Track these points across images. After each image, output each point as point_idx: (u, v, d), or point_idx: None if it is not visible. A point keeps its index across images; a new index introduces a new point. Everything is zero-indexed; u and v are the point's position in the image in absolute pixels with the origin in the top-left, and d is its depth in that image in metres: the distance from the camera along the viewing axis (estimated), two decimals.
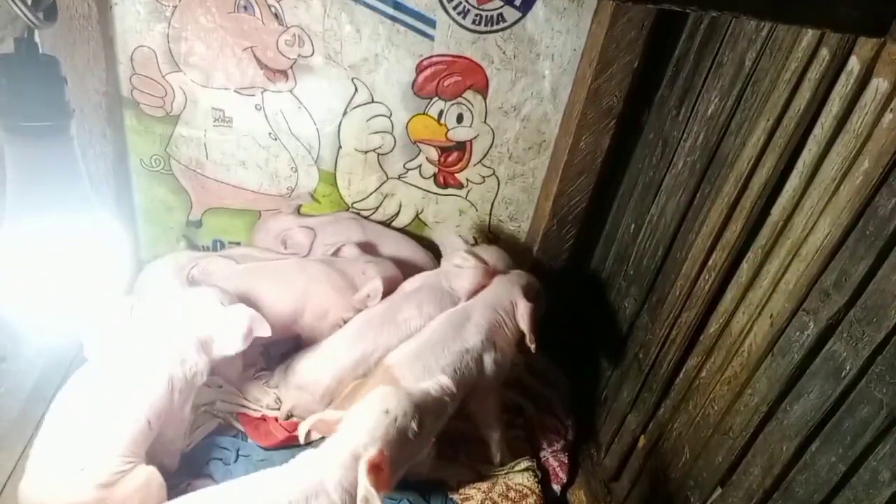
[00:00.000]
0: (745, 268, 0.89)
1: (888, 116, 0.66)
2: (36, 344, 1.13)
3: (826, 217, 0.74)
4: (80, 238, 0.61)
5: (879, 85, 0.67)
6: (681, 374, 1.04)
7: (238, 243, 1.41)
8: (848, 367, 0.69)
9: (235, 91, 1.21)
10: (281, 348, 1.23)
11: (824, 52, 0.76)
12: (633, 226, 1.24)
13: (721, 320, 0.94)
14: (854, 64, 0.71)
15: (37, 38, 0.58)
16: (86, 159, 1.16)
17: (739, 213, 0.91)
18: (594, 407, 1.32)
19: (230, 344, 1.01)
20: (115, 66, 1.15)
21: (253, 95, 1.22)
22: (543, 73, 1.21)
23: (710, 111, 1.00)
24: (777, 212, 0.84)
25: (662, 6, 0.53)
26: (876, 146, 0.67)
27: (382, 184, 1.37)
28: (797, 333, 0.77)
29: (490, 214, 1.42)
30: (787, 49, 0.82)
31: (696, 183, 1.02)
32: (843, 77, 0.73)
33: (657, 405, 1.10)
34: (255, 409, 1.14)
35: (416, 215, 1.42)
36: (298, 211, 1.37)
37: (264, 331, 1.04)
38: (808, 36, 0.79)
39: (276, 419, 1.13)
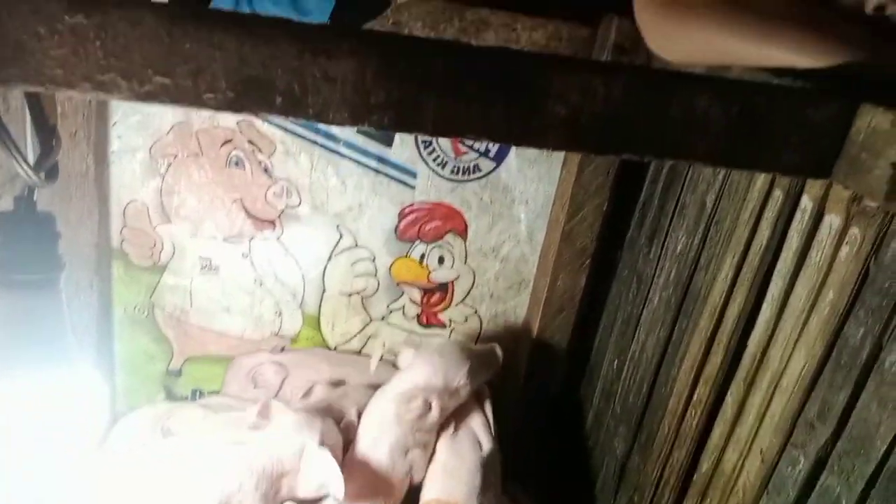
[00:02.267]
0: (730, 402, 0.89)
1: (845, 249, 0.70)
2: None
3: (801, 348, 0.75)
4: (62, 392, 0.60)
5: (832, 221, 0.72)
6: None
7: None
8: (844, 503, 0.67)
9: (224, 240, 1.25)
10: None
11: (778, 193, 0.81)
12: (616, 362, 1.24)
13: (712, 458, 0.92)
14: (806, 202, 0.77)
15: (35, 196, 0.62)
16: (71, 309, 1.17)
17: (718, 347, 0.92)
18: None
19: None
20: (108, 219, 1.19)
21: (240, 243, 1.26)
22: (519, 217, 1.27)
23: (679, 248, 1.05)
24: (753, 344, 0.85)
25: (622, 156, 0.58)
26: (838, 277, 0.70)
27: (366, 325, 1.38)
28: (789, 469, 0.76)
29: None
30: (743, 191, 0.88)
31: (673, 318, 1.05)
32: (798, 214, 0.78)
33: None
34: None
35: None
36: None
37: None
38: (762, 178, 0.85)
39: None
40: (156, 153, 1.17)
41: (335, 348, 1.39)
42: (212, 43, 0.49)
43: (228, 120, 1.17)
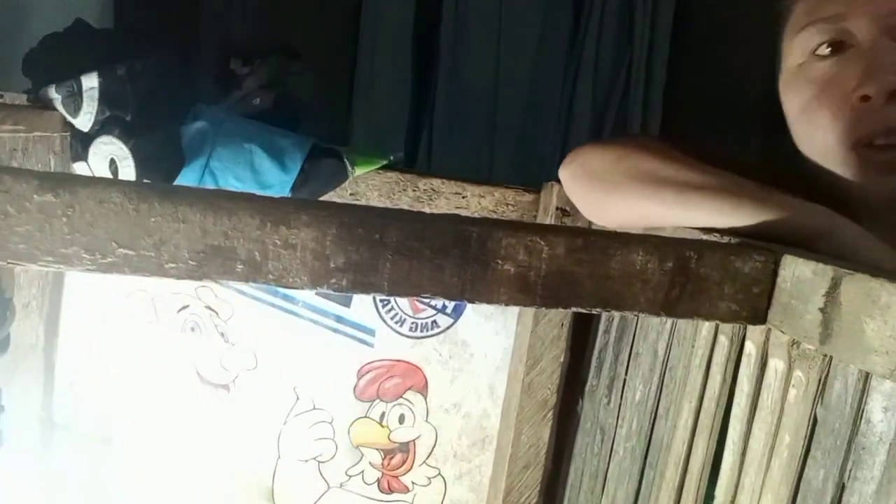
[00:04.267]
0: None
1: (792, 392, 0.72)
2: None
3: (767, 493, 0.75)
4: None
5: (777, 365, 0.75)
6: None
7: None
8: None
9: (175, 409, 1.21)
10: None
11: (723, 339, 0.85)
12: None
13: None
14: (750, 347, 0.80)
15: None
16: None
17: (687, 498, 0.90)
18: None
19: None
20: (52, 393, 1.14)
21: (190, 409, 1.21)
22: (479, 372, 1.27)
23: (637, 397, 1.06)
24: (721, 493, 0.84)
25: (570, 309, 0.61)
26: (791, 420, 0.72)
27: (323, 494, 1.30)
28: None
29: None
30: (690, 338, 0.92)
31: (640, 469, 1.03)
32: (744, 359, 0.81)
33: None
34: None
35: None
36: None
37: None
38: (706, 326, 0.89)
39: None
40: (110, 322, 1.16)
41: None
42: (176, 216, 0.51)
43: (187, 286, 1.18)
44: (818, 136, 0.82)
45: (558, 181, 1.13)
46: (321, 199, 1.09)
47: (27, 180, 0.49)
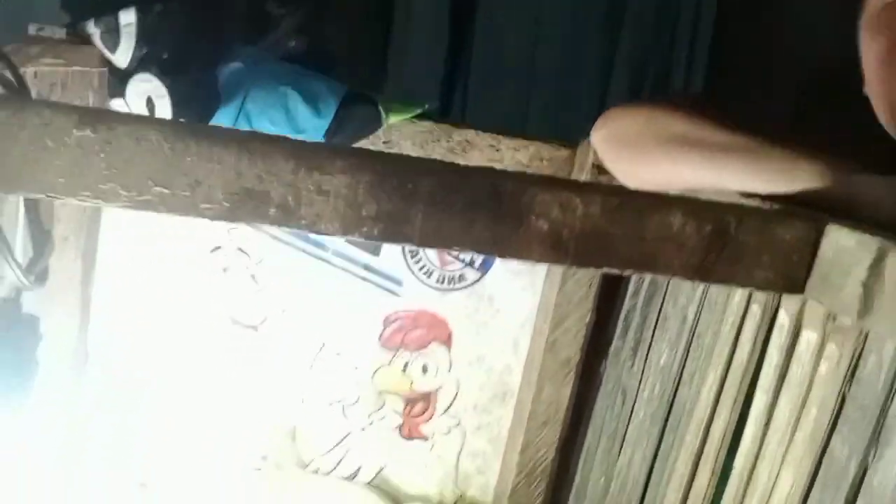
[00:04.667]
0: None
1: (824, 365, 0.71)
2: None
3: (788, 466, 0.74)
4: None
5: (810, 337, 0.73)
6: None
7: None
8: None
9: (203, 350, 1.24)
10: None
11: (755, 308, 0.83)
12: (602, 479, 1.21)
13: None
14: (784, 318, 0.78)
15: (21, 298, 0.62)
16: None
17: (705, 464, 0.90)
18: None
19: None
20: (87, 325, 1.18)
21: (222, 348, 1.25)
22: (504, 327, 1.27)
23: (662, 362, 1.05)
24: (741, 461, 0.84)
25: (602, 269, 0.60)
26: (819, 394, 0.71)
27: (346, 437, 1.34)
28: None
29: (456, 468, 1.37)
30: (722, 305, 0.90)
31: (659, 433, 1.03)
32: (776, 330, 0.80)
33: None
34: None
35: (380, 470, 1.37)
36: None
37: None
38: (739, 293, 0.87)
39: None
40: (145, 259, 1.18)
41: (315, 459, 1.34)
42: (211, 157, 0.51)
43: (220, 227, 1.19)
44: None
45: None
46: (354, 146, 1.08)
47: (67, 114, 0.49)
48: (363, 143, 1.09)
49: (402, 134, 1.11)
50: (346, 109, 1.03)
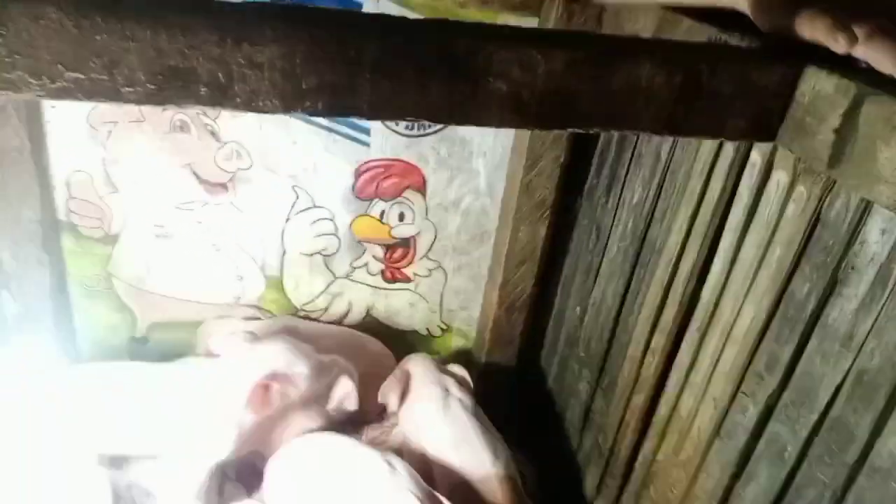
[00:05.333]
0: (685, 349, 0.92)
1: (791, 206, 0.70)
2: None
3: (750, 301, 0.77)
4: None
5: (780, 178, 0.72)
6: (639, 459, 1.04)
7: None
8: (790, 449, 0.71)
9: (175, 207, 1.22)
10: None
11: (728, 148, 0.81)
12: (578, 309, 1.26)
13: (670, 403, 0.95)
14: (756, 158, 0.77)
15: None
16: (22, 290, 1.14)
17: (673, 297, 0.94)
18: (559, 495, 1.30)
19: None
20: (51, 192, 1.14)
21: (192, 210, 1.23)
22: (478, 170, 1.25)
23: (635, 199, 1.05)
24: (706, 294, 0.87)
25: (567, 130, 0.57)
26: (784, 234, 0.71)
27: (330, 284, 1.37)
28: (739, 416, 0.79)
29: (440, 305, 1.43)
30: (695, 143, 0.88)
31: (631, 268, 1.06)
32: (748, 169, 0.78)
33: (620, 490, 1.09)
34: None
35: (368, 312, 1.42)
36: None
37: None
38: None
39: None
40: (94, 121, 1.12)
41: (302, 307, 1.39)
42: (124, 35, 0.46)
43: None
44: None
45: None
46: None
47: None
48: None
49: None
50: None
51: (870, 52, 0.51)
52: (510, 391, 1.44)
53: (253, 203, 1.24)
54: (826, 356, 0.65)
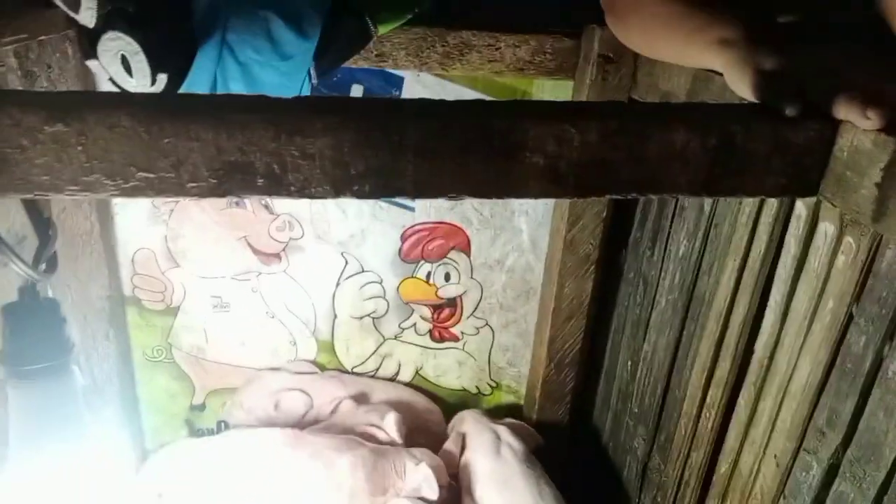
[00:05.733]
0: (742, 405, 0.90)
1: (841, 258, 0.70)
2: None
3: (806, 355, 0.76)
4: (80, 468, 0.62)
5: (827, 229, 0.72)
6: None
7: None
8: None
9: (232, 278, 1.27)
10: None
11: (772, 199, 0.81)
12: (629, 363, 1.25)
13: (729, 460, 0.92)
14: (801, 209, 0.76)
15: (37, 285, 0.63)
16: (90, 363, 1.20)
17: (726, 351, 0.92)
18: None
19: None
20: (117, 269, 1.21)
21: (248, 280, 1.28)
22: (521, 228, 1.27)
23: (681, 252, 1.05)
24: (760, 349, 0.85)
25: (605, 197, 0.58)
26: (836, 286, 0.70)
27: (380, 345, 1.39)
28: (803, 474, 0.76)
29: (489, 363, 1.43)
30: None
31: (681, 321, 1.05)
32: (793, 221, 0.78)
33: None
34: None
35: (417, 371, 1.43)
36: None
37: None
38: None
39: None
40: (157, 201, 1.19)
41: (353, 370, 1.41)
42: (189, 136, 0.50)
43: None
44: None
45: (598, 24, 1.03)
46: (344, 63, 1.04)
47: (34, 111, 0.48)
48: (356, 60, 1.04)
49: (394, 45, 1.05)
50: (333, 27, 0.98)
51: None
52: (563, 449, 1.41)
53: (305, 270, 1.29)
54: (889, 410, 0.63)
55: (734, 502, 0.91)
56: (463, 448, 1.26)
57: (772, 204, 0.81)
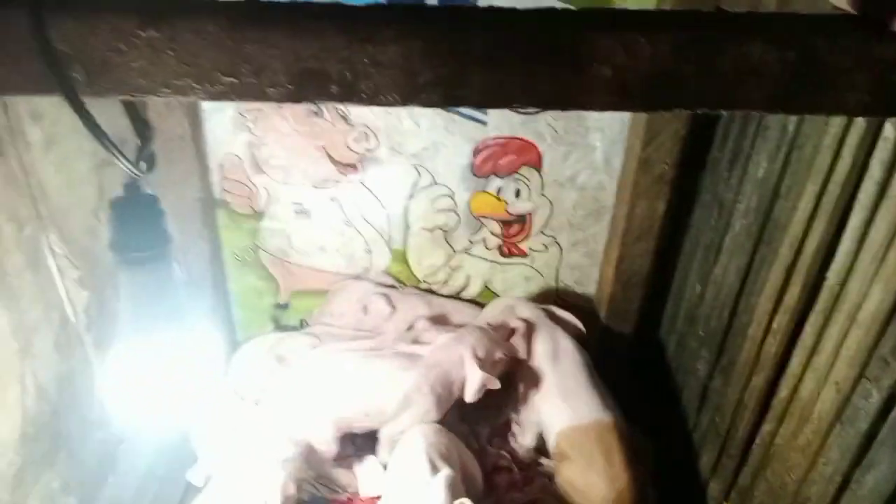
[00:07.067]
0: (808, 332, 0.89)
1: None
2: (148, 434, 1.25)
3: (878, 283, 0.74)
4: (180, 347, 0.71)
5: None
6: (757, 440, 1.02)
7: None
8: None
9: (312, 186, 1.33)
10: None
11: (859, 120, 0.77)
12: (698, 286, 1.24)
13: (790, 386, 0.92)
14: (890, 132, 0.72)
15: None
16: (187, 259, 1.31)
17: (797, 277, 0.91)
18: (674, 472, 1.30)
19: None
20: (207, 174, 1.30)
21: (327, 188, 1.34)
22: (595, 145, 1.25)
23: (760, 174, 1.01)
24: (832, 276, 0.84)
25: (672, 111, 0.58)
26: None
27: (450, 258, 1.44)
28: (862, 401, 0.76)
29: (556, 280, 1.46)
30: (824, 116, 0.84)
31: (754, 245, 1.03)
32: (880, 143, 0.74)
33: (737, 472, 1.08)
34: (342, 494, 1.20)
35: (485, 286, 1.48)
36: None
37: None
38: None
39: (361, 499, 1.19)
40: (242, 108, 1.25)
41: (423, 280, 1.47)
42: (268, 43, 0.53)
43: None
44: None
45: None
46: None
47: (128, 16, 0.52)
48: None
49: None
50: None
51: None
52: (626, 367, 1.44)
53: (380, 181, 1.33)
54: None
55: (791, 426, 0.92)
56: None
57: (860, 125, 0.77)
